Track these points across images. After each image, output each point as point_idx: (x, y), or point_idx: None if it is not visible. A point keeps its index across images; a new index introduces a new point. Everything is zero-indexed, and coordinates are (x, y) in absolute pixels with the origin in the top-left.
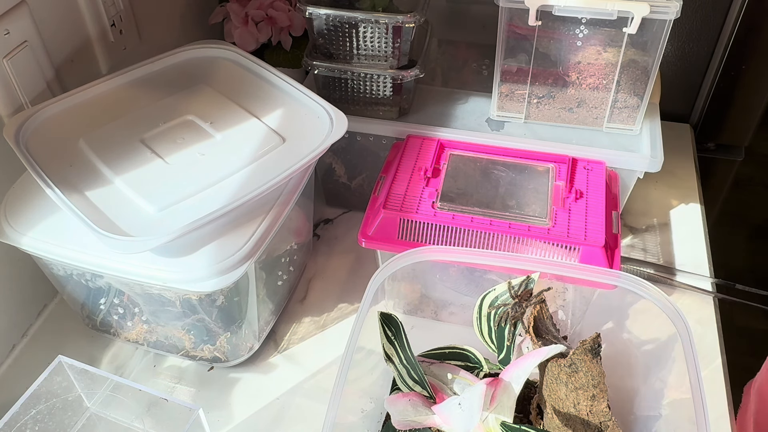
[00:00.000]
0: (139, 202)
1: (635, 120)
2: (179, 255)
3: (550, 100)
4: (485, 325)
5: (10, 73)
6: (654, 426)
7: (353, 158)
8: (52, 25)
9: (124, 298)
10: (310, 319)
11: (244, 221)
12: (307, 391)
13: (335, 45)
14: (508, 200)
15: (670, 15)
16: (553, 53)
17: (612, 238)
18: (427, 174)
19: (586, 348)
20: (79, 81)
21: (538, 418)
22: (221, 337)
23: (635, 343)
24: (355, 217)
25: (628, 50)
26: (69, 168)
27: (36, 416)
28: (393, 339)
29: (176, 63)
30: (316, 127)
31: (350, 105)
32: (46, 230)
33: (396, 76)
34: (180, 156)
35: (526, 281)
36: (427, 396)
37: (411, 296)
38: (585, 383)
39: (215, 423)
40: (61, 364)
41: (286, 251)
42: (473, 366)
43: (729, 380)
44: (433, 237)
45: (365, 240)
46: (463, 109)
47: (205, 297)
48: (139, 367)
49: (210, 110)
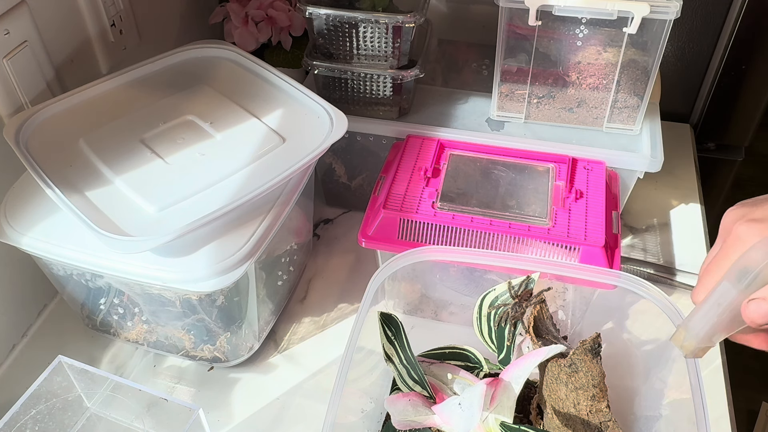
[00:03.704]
0: (139, 202)
1: (635, 120)
2: (179, 255)
3: (550, 100)
4: (485, 325)
5: (10, 73)
6: (654, 426)
7: (353, 158)
8: (52, 25)
9: (124, 298)
10: (310, 319)
11: (244, 221)
12: (307, 391)
13: (335, 45)
14: (508, 200)
15: (670, 15)
16: (553, 53)
17: (612, 238)
18: (427, 174)
19: (586, 348)
20: (79, 81)
21: (538, 418)
22: (221, 337)
23: (635, 343)
24: (355, 217)
25: (628, 50)
26: (69, 168)
27: (36, 416)
28: (393, 339)
29: (176, 63)
30: (316, 127)
31: (350, 105)
32: (46, 230)
33: (396, 76)
34: (180, 156)
35: (526, 281)
36: (427, 396)
37: (411, 296)
38: (585, 383)
39: (215, 423)
40: (61, 364)
41: (286, 251)
42: (473, 366)
43: (729, 380)
44: (433, 237)
45: (365, 240)
46: (463, 109)
47: (205, 297)
48: (139, 367)
49: (210, 110)
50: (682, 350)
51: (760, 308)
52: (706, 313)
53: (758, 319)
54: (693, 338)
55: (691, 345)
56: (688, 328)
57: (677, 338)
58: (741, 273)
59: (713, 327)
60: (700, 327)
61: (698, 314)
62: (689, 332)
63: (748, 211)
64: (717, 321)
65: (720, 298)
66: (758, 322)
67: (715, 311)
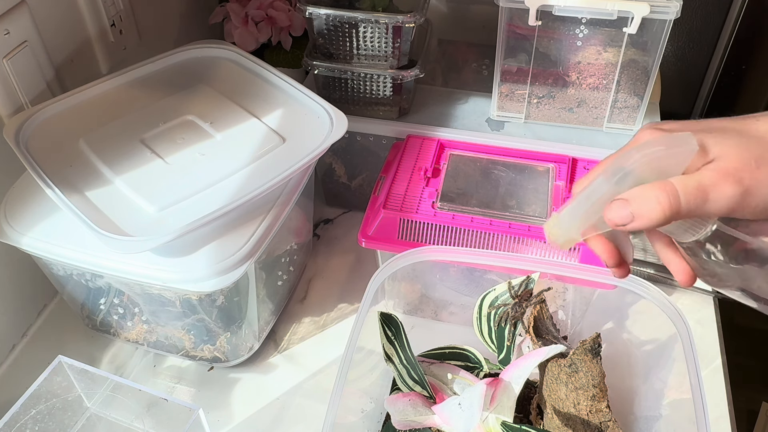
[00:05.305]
0: (139, 202)
1: (635, 120)
2: (179, 255)
3: (550, 100)
4: (485, 325)
5: (10, 73)
6: (654, 426)
7: (353, 158)
8: (52, 25)
9: (124, 298)
10: (310, 319)
11: (244, 221)
12: (307, 391)
13: (335, 45)
14: (508, 200)
15: (670, 15)
16: (553, 53)
17: None
18: (427, 174)
19: (586, 348)
20: (79, 81)
21: (538, 418)
22: (221, 337)
23: (635, 343)
24: (355, 217)
25: (628, 50)
26: (69, 168)
27: (36, 416)
28: (393, 339)
29: (176, 63)
30: (316, 127)
31: (350, 105)
32: (46, 230)
33: (396, 76)
34: (180, 156)
35: (526, 281)
36: (427, 396)
37: (411, 296)
38: (585, 383)
39: (215, 423)
40: (61, 364)
41: (286, 251)
42: (473, 366)
43: (729, 380)
44: (433, 237)
45: (365, 240)
46: (463, 109)
47: (205, 297)
48: (139, 367)
49: (210, 110)
50: (550, 237)
51: (621, 209)
52: (576, 205)
53: (617, 219)
54: (561, 227)
55: (558, 233)
56: (560, 216)
57: (548, 225)
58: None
59: (580, 220)
60: (569, 218)
61: (570, 205)
62: (559, 221)
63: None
64: (584, 214)
65: (592, 192)
66: (616, 222)
67: (585, 204)
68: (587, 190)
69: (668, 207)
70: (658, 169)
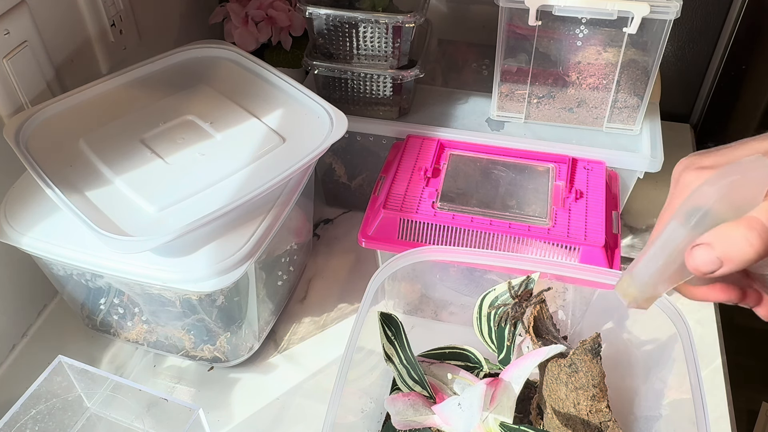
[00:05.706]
0: (139, 202)
1: (635, 120)
2: (179, 255)
3: (550, 100)
4: (485, 325)
5: (10, 73)
6: (654, 426)
7: (353, 158)
8: (52, 25)
9: (124, 298)
10: (310, 319)
11: (244, 221)
12: (307, 391)
13: (335, 45)
14: (508, 200)
15: (670, 15)
16: (553, 53)
17: (612, 238)
18: (427, 174)
19: (586, 348)
20: (79, 81)
21: (538, 418)
22: (221, 337)
23: (635, 343)
24: (355, 217)
25: (628, 50)
26: (69, 168)
27: (36, 416)
28: (393, 339)
29: (176, 63)
30: (316, 127)
31: (350, 105)
32: (46, 230)
33: (396, 76)
34: (180, 156)
35: (526, 281)
36: (427, 396)
37: (411, 296)
38: (585, 383)
39: (215, 423)
40: (61, 364)
41: (286, 251)
42: (473, 366)
43: (729, 380)
44: (433, 237)
45: (365, 240)
46: (463, 109)
47: (205, 297)
48: (139, 367)
49: (210, 110)
50: (625, 299)
51: (706, 255)
52: (651, 258)
53: (702, 266)
54: (637, 286)
55: (635, 293)
56: (633, 274)
57: (621, 286)
58: (690, 212)
59: (658, 274)
60: (644, 273)
61: (643, 259)
62: (634, 279)
63: (697, 160)
64: (662, 266)
65: (666, 241)
66: (702, 270)
67: (660, 256)
68: (661, 240)
69: (761, 245)
70: (736, 202)
